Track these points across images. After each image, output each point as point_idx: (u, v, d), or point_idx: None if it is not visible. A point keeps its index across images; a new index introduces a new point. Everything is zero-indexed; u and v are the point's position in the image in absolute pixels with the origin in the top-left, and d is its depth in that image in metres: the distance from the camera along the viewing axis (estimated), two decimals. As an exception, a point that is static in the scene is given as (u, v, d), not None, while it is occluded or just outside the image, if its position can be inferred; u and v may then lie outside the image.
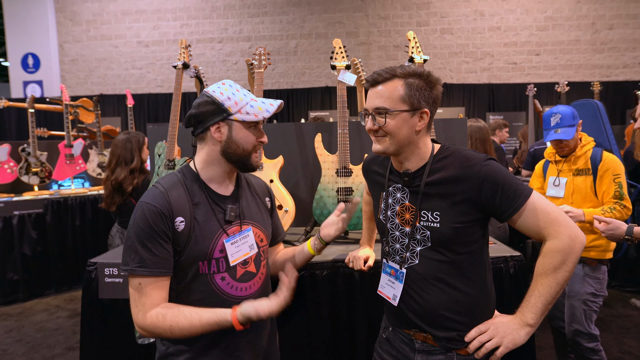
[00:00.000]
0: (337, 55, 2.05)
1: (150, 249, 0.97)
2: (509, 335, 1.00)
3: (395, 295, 1.11)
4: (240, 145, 1.06)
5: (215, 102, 1.05)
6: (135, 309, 0.98)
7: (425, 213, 1.06)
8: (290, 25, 7.52)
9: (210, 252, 1.03)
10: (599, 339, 1.95)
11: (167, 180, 1.06)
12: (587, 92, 6.51)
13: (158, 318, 0.97)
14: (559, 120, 1.96)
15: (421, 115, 1.05)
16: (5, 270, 3.72)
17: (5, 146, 4.03)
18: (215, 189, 1.08)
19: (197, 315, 0.98)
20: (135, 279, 0.98)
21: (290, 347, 1.72)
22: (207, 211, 1.05)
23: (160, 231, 0.98)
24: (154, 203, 0.99)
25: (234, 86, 1.08)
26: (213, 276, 1.04)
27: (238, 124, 1.06)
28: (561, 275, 0.98)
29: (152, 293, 0.98)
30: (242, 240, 1.09)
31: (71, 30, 7.68)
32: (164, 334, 0.97)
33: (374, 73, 1.07)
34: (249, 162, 1.09)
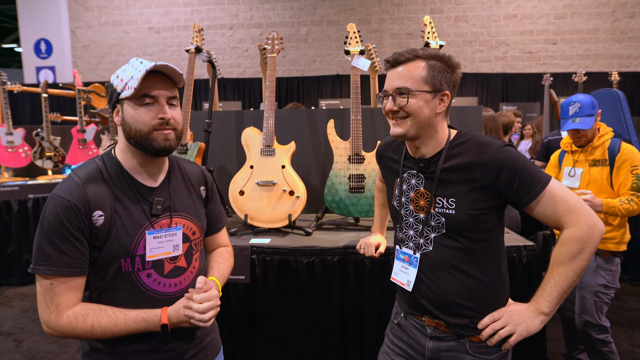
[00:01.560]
0: (351, 40, 2.02)
1: (60, 248, 0.87)
2: (522, 323, 1.00)
3: (410, 280, 1.10)
4: (132, 125, 0.92)
5: (109, 85, 0.96)
6: (47, 310, 0.88)
7: (440, 199, 1.04)
8: (302, 11, 7.43)
9: (134, 248, 0.94)
10: (609, 331, 1.93)
11: (84, 169, 0.95)
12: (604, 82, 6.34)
13: (77, 319, 0.88)
14: (577, 109, 1.92)
15: (442, 97, 1.03)
16: (21, 252, 3.81)
17: (19, 130, 4.08)
18: (140, 180, 0.98)
19: (121, 315, 0.91)
20: (44, 279, 0.88)
21: (300, 331, 1.74)
22: (132, 204, 0.95)
23: (73, 227, 0.88)
24: (67, 197, 0.88)
25: (132, 62, 0.95)
26: (138, 273, 0.95)
27: (127, 102, 0.93)
28: (578, 264, 0.97)
29: (67, 293, 0.89)
30: (168, 237, 0.99)
31: (83, 16, 7.70)
32: (82, 335, 0.89)
33: (395, 53, 1.04)
34: (150, 145, 0.93)
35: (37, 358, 2.56)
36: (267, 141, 1.95)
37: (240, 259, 1.70)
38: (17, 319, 3.10)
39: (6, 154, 4.00)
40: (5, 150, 3.99)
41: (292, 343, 1.76)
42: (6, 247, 3.77)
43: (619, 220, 1.92)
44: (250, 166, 1.96)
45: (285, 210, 1.90)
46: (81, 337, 0.91)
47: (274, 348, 1.75)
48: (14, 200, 3.76)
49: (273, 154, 1.94)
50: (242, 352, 1.78)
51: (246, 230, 1.97)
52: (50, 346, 2.70)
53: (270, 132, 1.95)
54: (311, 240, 1.84)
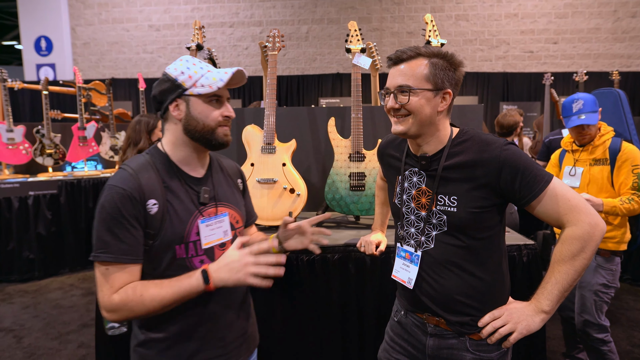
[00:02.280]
0: (353, 38, 2.02)
1: (117, 235, 0.91)
2: (523, 322, 1.00)
3: (411, 278, 1.11)
4: (200, 120, 0.99)
5: (169, 79, 1.00)
6: (102, 293, 0.93)
7: (442, 197, 1.04)
8: (302, 10, 7.42)
9: (187, 234, 0.99)
10: (609, 330, 1.94)
11: (135, 161, 1.00)
12: (605, 82, 6.33)
13: (127, 292, 0.92)
14: (581, 106, 1.92)
15: (444, 95, 1.03)
16: (22, 249, 3.81)
17: (20, 127, 4.08)
18: (187, 171, 1.04)
19: (166, 281, 0.94)
20: (102, 265, 0.92)
21: (300, 329, 1.74)
22: (181, 193, 1.01)
23: (129, 215, 0.92)
24: (123, 186, 0.93)
25: (191, 60, 1.02)
26: (191, 260, 1.00)
27: (195, 99, 0.99)
28: (579, 263, 0.97)
29: (121, 277, 0.93)
30: (217, 224, 1.05)
31: (83, 14, 7.68)
32: (136, 308, 0.91)
33: (398, 51, 1.04)
34: (214, 139, 1.01)
35: (37, 354, 2.56)
36: (267, 139, 1.95)
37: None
38: (18, 316, 3.11)
39: (6, 151, 4.00)
40: (6, 147, 3.99)
41: (292, 340, 1.76)
42: (6, 244, 3.77)
43: (620, 220, 1.92)
44: (250, 164, 1.96)
45: (286, 208, 1.91)
46: (135, 312, 0.92)
47: (274, 345, 1.76)
48: (14, 197, 3.77)
49: (274, 151, 1.94)
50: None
51: (247, 227, 1.97)
52: (51, 342, 2.70)
53: (271, 130, 1.95)
54: (311, 238, 1.84)
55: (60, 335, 2.80)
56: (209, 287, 0.94)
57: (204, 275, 0.94)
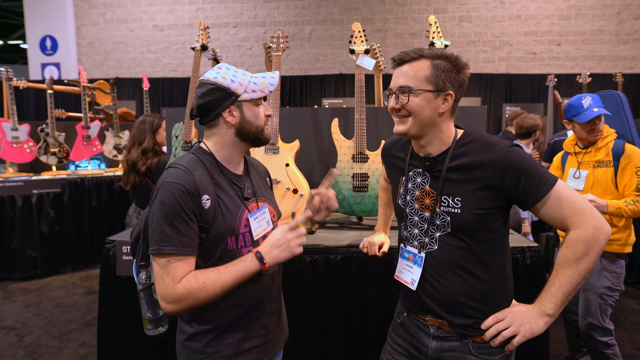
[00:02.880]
0: (356, 39, 2.02)
1: (178, 228, 0.96)
2: (526, 324, 0.99)
3: (414, 279, 1.10)
4: (254, 123, 1.09)
5: (221, 88, 1.05)
6: (164, 285, 0.96)
7: (446, 198, 1.04)
8: (306, 10, 7.43)
9: (237, 227, 1.06)
10: (613, 334, 1.93)
11: (185, 160, 1.05)
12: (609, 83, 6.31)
13: (190, 281, 0.96)
14: (591, 101, 1.92)
15: (445, 97, 1.03)
16: (25, 247, 3.83)
17: (24, 126, 4.10)
18: (230, 169, 1.12)
19: (221, 267, 1.01)
20: (163, 258, 0.96)
21: (303, 330, 1.74)
22: (227, 189, 1.08)
23: (188, 210, 0.97)
24: (181, 182, 0.98)
25: (231, 68, 1.09)
26: (241, 250, 1.07)
27: (247, 104, 1.08)
28: (583, 266, 0.96)
29: (182, 268, 0.97)
30: (262, 216, 1.13)
31: (88, 13, 7.71)
32: (200, 295, 0.96)
33: (402, 52, 1.05)
34: (263, 137, 1.12)
35: (39, 353, 2.57)
36: (271, 139, 1.95)
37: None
38: (20, 314, 3.12)
39: (11, 150, 4.02)
40: (10, 146, 4.01)
41: (294, 342, 1.76)
42: (10, 242, 3.79)
43: (624, 222, 1.91)
44: (254, 164, 1.96)
45: (289, 208, 1.91)
46: (199, 299, 0.97)
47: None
48: (18, 195, 3.79)
49: (277, 152, 1.94)
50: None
51: (249, 228, 1.97)
52: (53, 341, 2.71)
53: (275, 131, 1.95)
54: (314, 238, 1.84)
55: (62, 334, 2.80)
56: (265, 267, 1.02)
57: (258, 256, 1.01)
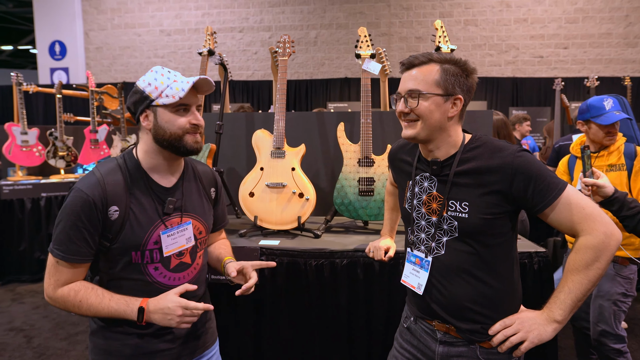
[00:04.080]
0: (362, 44, 2.03)
1: (70, 236, 0.98)
2: (534, 331, 0.98)
3: (420, 284, 1.10)
4: (167, 129, 1.03)
5: (138, 91, 1.05)
6: (48, 281, 1.01)
7: (453, 203, 1.04)
8: (311, 15, 7.47)
9: (144, 243, 1.03)
10: (626, 341, 1.90)
11: (106, 166, 1.05)
12: (617, 87, 6.26)
13: (70, 293, 1.00)
14: (612, 104, 1.89)
15: (454, 101, 1.03)
16: (33, 250, 3.86)
17: (34, 130, 4.16)
18: (157, 179, 1.07)
19: (108, 295, 1.01)
20: (53, 259, 1.00)
21: (308, 334, 1.74)
22: (146, 201, 1.05)
23: (86, 220, 0.98)
24: (87, 192, 0.98)
25: (160, 71, 1.06)
26: (146, 266, 1.05)
27: (161, 109, 1.03)
28: (593, 273, 0.95)
29: (68, 273, 1.00)
30: (180, 232, 1.08)
31: (96, 19, 7.82)
32: (71, 308, 1.01)
33: (410, 56, 1.05)
34: (182, 146, 1.05)
35: (47, 354, 2.59)
36: (277, 143, 1.96)
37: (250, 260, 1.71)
38: (29, 316, 3.15)
39: (21, 153, 4.07)
40: (20, 150, 4.07)
41: (299, 345, 1.76)
42: (19, 245, 3.83)
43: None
44: (260, 168, 1.97)
45: (295, 212, 1.91)
46: (70, 310, 1.01)
47: (281, 350, 1.76)
48: (27, 198, 3.83)
49: (283, 156, 1.95)
50: (248, 353, 1.78)
51: (255, 231, 1.98)
52: (60, 343, 2.73)
53: (281, 135, 1.96)
54: (320, 242, 1.84)
55: (70, 336, 2.82)
56: (141, 323, 1.01)
57: (140, 312, 1.00)
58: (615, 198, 1.39)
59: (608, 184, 1.41)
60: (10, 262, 3.83)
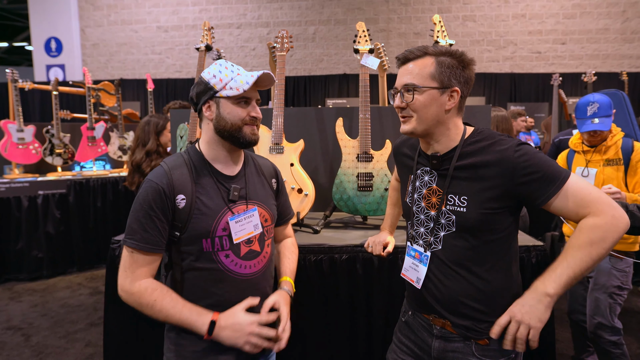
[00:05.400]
0: (361, 39, 2.02)
1: (143, 224, 1.01)
2: (532, 315, 0.93)
3: (419, 278, 1.10)
4: (228, 120, 1.07)
5: (202, 82, 1.09)
6: (124, 274, 1.02)
7: (452, 197, 1.03)
8: (309, 10, 7.43)
9: (213, 230, 1.06)
10: (621, 333, 1.92)
11: (172, 159, 1.10)
12: (614, 82, 6.26)
13: (147, 290, 1.01)
14: (596, 109, 1.90)
15: (451, 93, 1.02)
16: (31, 248, 3.85)
17: (30, 127, 4.13)
18: (220, 169, 1.11)
19: (181, 301, 1.03)
20: (127, 249, 1.03)
21: (308, 330, 1.74)
22: (212, 190, 1.08)
23: (157, 208, 1.02)
24: (156, 181, 1.03)
25: (224, 64, 1.10)
26: (217, 253, 1.07)
27: (224, 100, 1.08)
28: (596, 252, 0.91)
29: (143, 264, 1.03)
30: (247, 219, 1.11)
31: (92, 15, 7.76)
32: (144, 305, 1.01)
33: (406, 51, 1.05)
34: (241, 137, 1.09)
35: (45, 353, 2.58)
36: (275, 139, 1.95)
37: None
38: (26, 314, 3.14)
39: (17, 151, 4.05)
40: (16, 147, 4.04)
41: (299, 341, 1.76)
42: (16, 243, 3.82)
43: (632, 221, 1.90)
44: (258, 164, 1.96)
45: (294, 208, 1.91)
46: (142, 308, 1.01)
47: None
48: (24, 196, 3.81)
49: (282, 152, 1.95)
50: (250, 349, 1.78)
51: (254, 227, 1.98)
52: (59, 341, 2.73)
53: (279, 130, 1.95)
54: (319, 238, 1.84)
55: (68, 334, 2.82)
56: (207, 337, 1.02)
57: (210, 326, 1.01)
58: None
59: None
60: (7, 261, 3.82)
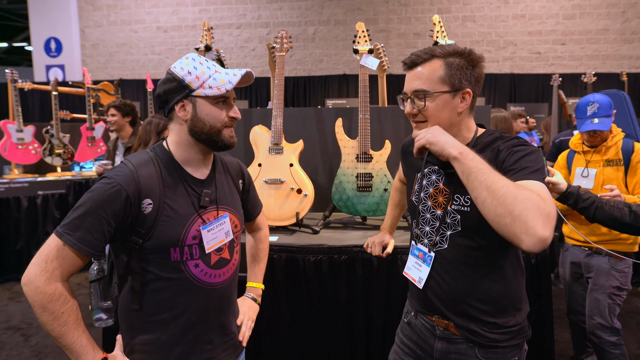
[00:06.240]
0: (360, 39, 2.02)
1: (88, 225, 0.88)
2: (436, 134, 0.95)
3: (421, 278, 1.09)
4: (207, 122, 0.97)
5: (175, 79, 0.96)
6: (42, 266, 0.86)
7: (458, 197, 1.03)
8: (309, 11, 7.43)
9: (183, 238, 0.96)
10: (621, 333, 1.91)
11: (137, 157, 0.97)
12: (614, 83, 6.26)
13: (61, 297, 0.87)
14: (596, 109, 1.89)
15: (463, 96, 1.00)
16: (30, 248, 3.84)
17: (29, 128, 4.13)
18: (190, 172, 1.01)
19: (83, 327, 0.90)
20: (60, 241, 0.88)
21: (306, 330, 1.74)
22: (181, 195, 0.98)
23: (111, 213, 0.89)
24: (119, 181, 0.90)
25: (198, 59, 0.99)
26: (186, 263, 0.97)
27: (202, 100, 0.97)
28: (503, 186, 0.82)
29: (69, 264, 0.88)
30: (219, 227, 1.03)
31: (92, 15, 7.76)
32: (47, 310, 0.86)
33: (412, 54, 1.03)
34: (220, 140, 1.00)
35: (45, 353, 2.58)
36: (275, 139, 1.95)
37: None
38: (26, 314, 3.14)
39: (16, 151, 4.04)
40: (16, 147, 4.04)
41: (298, 341, 1.76)
42: (15, 243, 3.81)
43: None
44: (258, 164, 1.96)
45: (293, 208, 1.91)
46: (42, 311, 0.86)
47: (280, 346, 1.76)
48: (23, 196, 3.81)
49: (281, 152, 1.95)
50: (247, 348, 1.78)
51: (253, 228, 1.97)
52: (59, 341, 2.72)
53: (279, 131, 1.95)
54: (318, 238, 1.84)
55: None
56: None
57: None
58: (569, 193, 1.44)
59: (562, 181, 1.44)
60: (7, 261, 3.82)
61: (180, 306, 0.98)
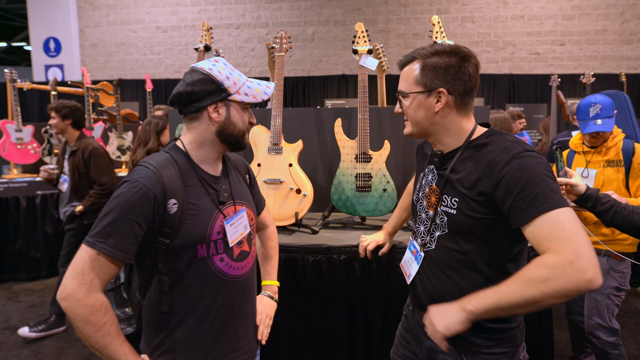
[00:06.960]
0: (359, 40, 2.02)
1: (120, 230, 0.89)
2: (440, 319, 0.92)
3: (411, 274, 1.13)
4: (237, 126, 1.04)
5: (214, 81, 0.99)
6: (79, 278, 0.87)
7: (446, 198, 1.02)
8: (308, 11, 7.44)
9: (209, 234, 1.00)
10: (619, 334, 1.92)
11: (156, 159, 0.99)
12: (613, 83, 6.28)
13: (102, 308, 0.88)
14: (599, 110, 1.89)
15: (438, 95, 1.00)
16: (29, 248, 3.84)
17: (28, 127, 4.12)
18: (206, 169, 1.05)
19: (124, 337, 0.92)
20: (93, 251, 0.88)
21: (306, 330, 1.74)
22: (201, 192, 1.02)
23: (141, 215, 0.90)
24: (145, 183, 0.92)
25: (229, 65, 1.04)
26: (212, 258, 1.01)
27: (235, 105, 1.03)
28: (530, 292, 0.80)
29: (105, 272, 0.90)
30: (239, 220, 1.08)
31: (91, 15, 7.75)
32: (89, 322, 0.87)
33: (404, 56, 1.08)
34: (244, 142, 1.08)
35: (43, 353, 2.58)
36: (274, 139, 1.95)
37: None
38: (24, 314, 3.13)
39: (15, 151, 4.04)
40: (15, 147, 4.03)
41: (298, 341, 1.76)
42: (14, 243, 3.81)
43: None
44: (257, 164, 1.96)
45: (292, 208, 1.91)
46: (84, 324, 0.86)
47: (279, 346, 1.76)
48: (22, 196, 3.81)
49: (280, 152, 1.95)
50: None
51: (253, 228, 1.98)
52: (57, 341, 2.72)
53: (278, 131, 1.95)
54: (318, 238, 1.85)
55: (66, 334, 2.81)
56: None
57: None
58: (588, 195, 1.38)
59: (580, 183, 1.39)
60: (5, 261, 3.81)
61: (208, 301, 1.01)
